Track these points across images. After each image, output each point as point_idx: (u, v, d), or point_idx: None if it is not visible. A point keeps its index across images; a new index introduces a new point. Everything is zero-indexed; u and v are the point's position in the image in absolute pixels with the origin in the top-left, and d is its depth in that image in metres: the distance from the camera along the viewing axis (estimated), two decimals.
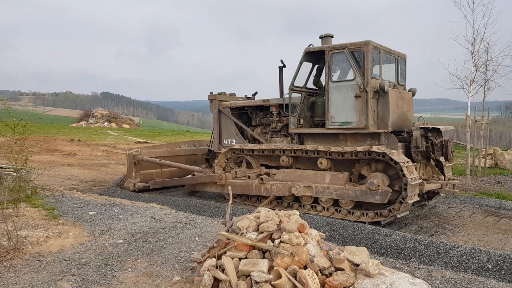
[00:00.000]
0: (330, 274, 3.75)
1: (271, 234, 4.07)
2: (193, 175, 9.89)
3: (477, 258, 5.01)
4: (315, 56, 8.95)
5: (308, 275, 3.51)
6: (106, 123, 50.87)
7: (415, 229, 6.93)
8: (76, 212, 7.17)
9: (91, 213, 7.14)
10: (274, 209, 7.16)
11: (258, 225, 4.18)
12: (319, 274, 3.70)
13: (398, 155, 7.25)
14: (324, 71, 8.62)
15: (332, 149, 7.87)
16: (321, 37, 8.80)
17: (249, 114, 10.47)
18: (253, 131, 10.01)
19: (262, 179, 8.58)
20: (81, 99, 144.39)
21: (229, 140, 10.27)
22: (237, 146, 9.46)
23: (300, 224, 4.12)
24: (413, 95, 9.04)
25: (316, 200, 8.21)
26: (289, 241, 3.82)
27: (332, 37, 8.74)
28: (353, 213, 7.68)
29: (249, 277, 3.68)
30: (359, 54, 7.91)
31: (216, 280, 3.77)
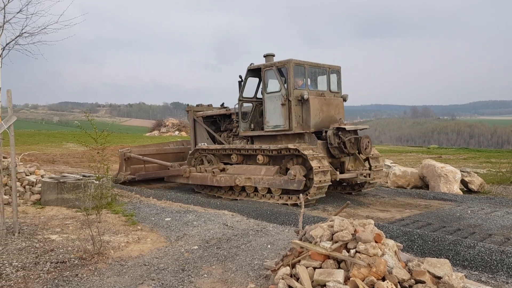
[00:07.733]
0: (410, 286, 3.60)
1: (346, 243, 3.98)
2: (168, 169, 12.08)
3: None
4: (257, 72, 10.35)
5: (387, 287, 3.39)
6: (176, 132, 52.58)
7: (501, 240, 6.45)
8: (153, 219, 7.48)
9: (167, 219, 7.41)
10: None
11: (332, 234, 4.10)
12: (398, 286, 3.55)
13: (308, 150, 8.90)
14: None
15: (267, 147, 9.68)
16: (264, 56, 10.39)
17: (218, 121, 12.26)
18: (220, 136, 11.82)
19: (213, 173, 10.63)
20: (153, 109, 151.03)
21: (202, 143, 12.15)
22: (193, 149, 11.81)
23: (376, 234, 3.98)
24: (345, 100, 10.56)
25: (256, 189, 10.01)
26: (366, 252, 3.71)
27: (273, 55, 10.34)
28: (282, 197, 9.48)
29: (324, 287, 3.62)
30: (284, 70, 9.54)
31: None
